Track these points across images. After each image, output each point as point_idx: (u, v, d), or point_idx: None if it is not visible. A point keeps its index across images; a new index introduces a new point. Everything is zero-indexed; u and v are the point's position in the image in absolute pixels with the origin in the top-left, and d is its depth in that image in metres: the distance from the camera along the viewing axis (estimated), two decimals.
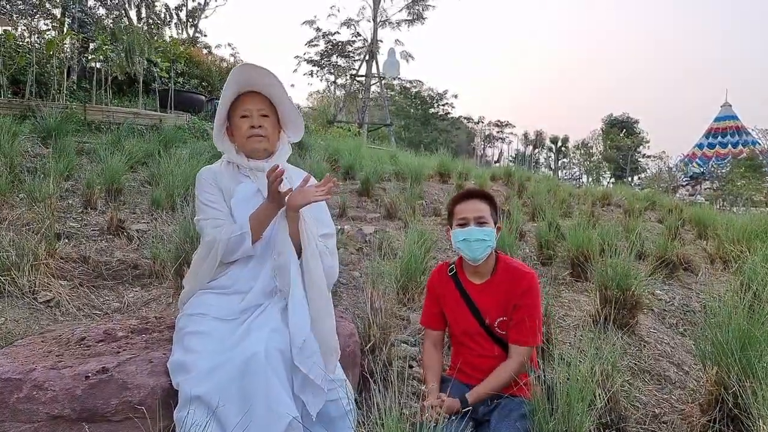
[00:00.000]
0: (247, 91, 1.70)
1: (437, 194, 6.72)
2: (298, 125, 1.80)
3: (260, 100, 1.71)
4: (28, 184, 3.81)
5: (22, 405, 1.31)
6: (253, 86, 1.69)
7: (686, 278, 3.92)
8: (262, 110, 1.70)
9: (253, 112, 1.69)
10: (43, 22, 9.54)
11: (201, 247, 1.65)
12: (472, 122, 40.89)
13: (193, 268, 1.66)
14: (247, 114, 1.68)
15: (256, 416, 1.30)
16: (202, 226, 1.63)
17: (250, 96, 1.70)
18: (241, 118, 1.69)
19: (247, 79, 1.68)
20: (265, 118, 1.71)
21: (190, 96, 10.69)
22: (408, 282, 2.90)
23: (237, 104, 1.70)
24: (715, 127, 31.12)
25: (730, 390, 1.72)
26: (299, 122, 1.80)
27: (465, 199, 1.74)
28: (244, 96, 1.70)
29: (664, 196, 9.61)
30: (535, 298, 1.66)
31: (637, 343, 2.64)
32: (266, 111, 1.71)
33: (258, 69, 1.67)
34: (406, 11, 19.84)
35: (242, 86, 1.69)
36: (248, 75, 1.67)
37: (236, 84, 1.67)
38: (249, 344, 1.39)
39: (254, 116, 1.68)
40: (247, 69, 1.66)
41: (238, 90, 1.69)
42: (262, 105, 1.70)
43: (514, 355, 1.64)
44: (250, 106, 1.69)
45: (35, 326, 2.24)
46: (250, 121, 1.68)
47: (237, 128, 1.70)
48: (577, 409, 1.40)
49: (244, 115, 1.69)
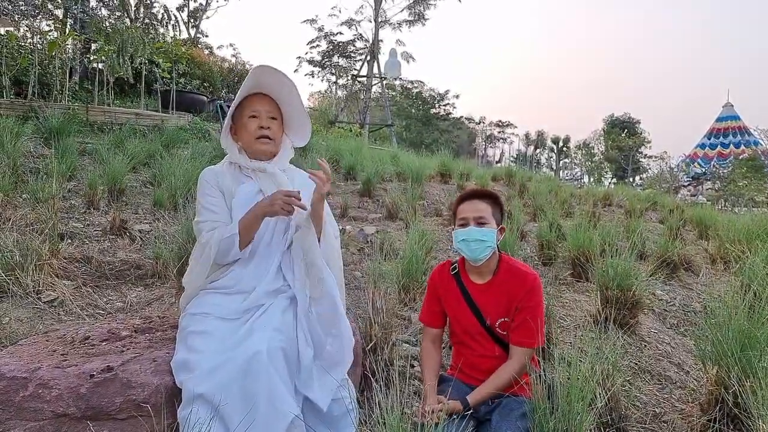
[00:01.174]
0: (257, 92, 1.72)
1: (438, 195, 6.73)
2: (305, 130, 1.82)
3: (268, 102, 1.73)
4: (31, 185, 3.83)
5: (27, 403, 1.32)
6: (265, 88, 1.72)
7: (687, 278, 3.92)
8: (270, 112, 1.72)
9: (262, 113, 1.71)
10: (45, 23, 9.57)
11: (195, 248, 1.67)
12: (473, 122, 40.90)
13: (189, 269, 1.68)
14: (256, 115, 1.71)
15: (258, 414, 1.31)
16: (200, 228, 1.65)
17: (258, 97, 1.72)
18: (249, 118, 1.71)
19: (262, 81, 1.70)
20: (273, 120, 1.73)
21: (191, 96, 10.74)
22: (409, 282, 2.91)
23: (245, 104, 1.72)
24: (717, 127, 31.07)
25: (731, 390, 1.72)
26: (307, 128, 1.82)
27: (467, 199, 1.74)
28: (253, 96, 1.72)
29: (665, 196, 9.60)
30: (537, 300, 1.66)
31: (637, 343, 2.65)
32: (274, 114, 1.74)
33: (276, 73, 1.69)
34: (407, 11, 19.86)
35: (255, 88, 1.71)
36: (265, 77, 1.69)
37: (253, 83, 1.69)
38: (251, 344, 1.40)
39: (263, 117, 1.71)
40: (267, 71, 1.69)
41: (250, 90, 1.71)
42: (270, 107, 1.73)
43: (516, 356, 1.64)
44: (259, 107, 1.71)
45: (39, 326, 2.25)
46: (258, 122, 1.70)
47: (244, 128, 1.71)
48: (578, 409, 1.41)
49: (252, 116, 1.71)
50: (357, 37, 20.92)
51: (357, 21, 20.61)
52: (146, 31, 11.34)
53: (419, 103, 30.65)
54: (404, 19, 19.96)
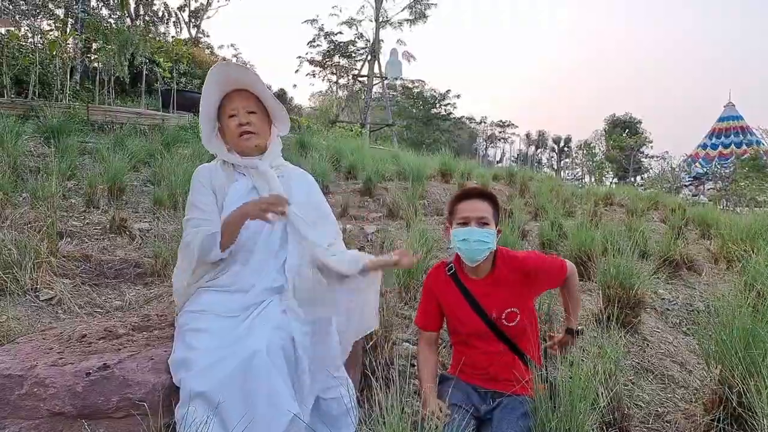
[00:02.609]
0: (231, 90, 1.69)
1: (439, 194, 6.71)
2: (283, 118, 1.79)
3: (246, 97, 1.70)
4: (31, 184, 3.82)
5: (23, 401, 1.31)
6: (236, 84, 1.69)
7: (689, 278, 3.90)
8: (248, 107, 1.69)
9: (239, 110, 1.68)
10: (46, 23, 9.58)
11: (180, 244, 1.65)
12: (474, 122, 40.87)
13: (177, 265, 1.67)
14: (234, 113, 1.68)
15: (257, 413, 1.30)
16: (186, 224, 1.64)
17: (236, 94, 1.69)
18: (229, 118, 1.69)
19: (227, 78, 1.67)
20: (253, 114, 1.70)
21: (192, 96, 10.72)
22: (409, 281, 2.90)
23: (225, 104, 1.70)
24: (718, 127, 30.99)
25: (734, 389, 1.71)
26: (284, 115, 1.79)
27: (468, 198, 1.70)
28: (230, 95, 1.69)
29: (667, 196, 9.57)
30: (538, 263, 1.74)
31: (640, 343, 2.63)
32: (253, 108, 1.70)
33: (238, 68, 1.68)
34: (408, 11, 19.85)
35: (225, 85, 1.68)
36: (228, 74, 1.67)
37: (217, 84, 1.67)
38: (251, 342, 1.38)
39: (240, 114, 1.68)
40: (225, 68, 1.67)
41: (223, 90, 1.69)
42: (247, 102, 1.70)
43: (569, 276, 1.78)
44: (236, 104, 1.68)
45: (37, 324, 2.24)
46: (237, 120, 1.68)
47: (227, 128, 1.70)
48: (580, 408, 1.39)
49: (231, 115, 1.69)
50: (358, 36, 20.93)
51: (358, 21, 20.61)
52: (147, 30, 11.34)
53: (420, 103, 30.61)
54: (405, 19, 19.96)
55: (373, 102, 21.37)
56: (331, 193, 5.85)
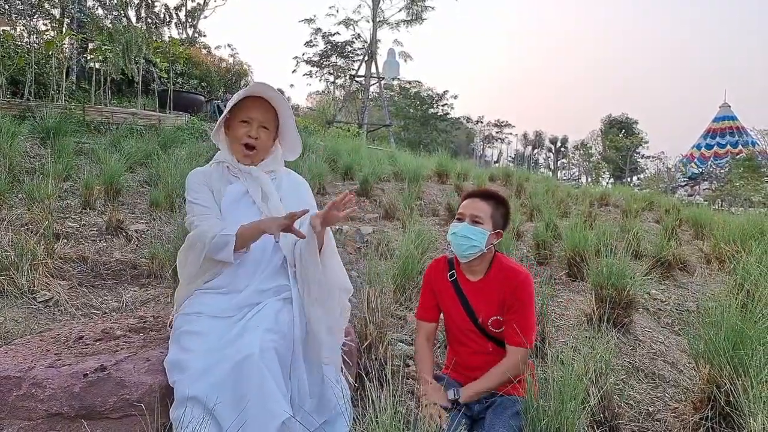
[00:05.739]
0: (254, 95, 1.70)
1: (435, 194, 6.73)
2: (296, 148, 1.83)
3: (266, 110, 1.71)
4: (27, 185, 3.82)
5: (20, 402, 1.33)
6: (265, 93, 1.70)
7: (682, 278, 3.94)
8: (263, 122, 1.71)
9: (254, 121, 1.69)
10: (42, 23, 9.56)
11: (186, 240, 1.64)
12: (471, 123, 40.93)
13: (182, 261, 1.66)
14: (248, 121, 1.69)
15: (251, 415, 1.31)
16: (191, 221, 1.64)
17: (257, 103, 1.70)
18: (240, 122, 1.70)
19: (261, 89, 1.69)
20: (263, 130, 1.72)
21: (189, 96, 10.73)
22: (405, 282, 2.91)
23: (242, 105, 1.71)
24: (713, 127, 31.12)
25: (723, 388, 1.73)
26: (297, 145, 1.82)
27: (471, 197, 1.77)
28: (251, 102, 1.70)
29: (662, 196, 9.63)
30: (525, 298, 1.65)
31: (631, 342, 2.66)
32: (268, 124, 1.72)
33: (274, 89, 1.70)
34: (405, 12, 19.88)
35: (254, 92, 1.70)
36: (263, 87, 1.69)
37: (253, 88, 1.69)
38: (243, 345, 1.40)
39: (254, 126, 1.69)
40: (266, 85, 1.69)
41: (250, 91, 1.70)
42: (264, 116, 1.71)
43: (509, 354, 1.65)
44: (254, 114, 1.69)
45: (34, 325, 2.25)
46: (248, 130, 1.69)
47: (235, 131, 1.71)
48: (570, 407, 1.41)
49: (245, 120, 1.69)
50: (355, 37, 20.95)
51: (355, 21, 20.64)
52: (149, 31, 11.33)
53: (417, 103, 30.63)
54: (402, 19, 19.99)
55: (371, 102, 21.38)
56: (328, 193, 5.86)
